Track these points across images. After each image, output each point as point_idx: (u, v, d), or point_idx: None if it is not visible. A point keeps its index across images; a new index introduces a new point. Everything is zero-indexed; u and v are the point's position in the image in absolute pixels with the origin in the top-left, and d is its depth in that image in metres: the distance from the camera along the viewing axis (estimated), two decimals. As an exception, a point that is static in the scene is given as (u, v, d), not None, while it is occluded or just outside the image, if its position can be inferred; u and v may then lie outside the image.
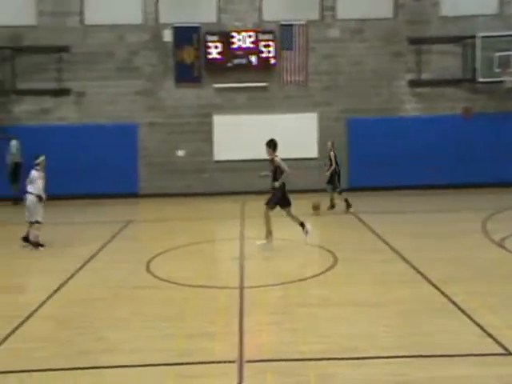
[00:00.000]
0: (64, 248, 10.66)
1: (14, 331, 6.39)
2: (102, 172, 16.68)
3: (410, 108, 17.42)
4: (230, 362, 5.41)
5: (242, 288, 7.90)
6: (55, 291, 7.91)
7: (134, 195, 16.87)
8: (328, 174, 13.76)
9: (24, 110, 16.91)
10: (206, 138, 17.23)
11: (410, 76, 17.25)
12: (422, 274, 8.33)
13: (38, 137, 16.48)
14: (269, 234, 10.13)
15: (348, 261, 9.27)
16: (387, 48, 17.19)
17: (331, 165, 13.78)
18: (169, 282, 8.29)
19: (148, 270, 9.00)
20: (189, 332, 6.27)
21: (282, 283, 8.09)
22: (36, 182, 10.45)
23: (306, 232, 10.35)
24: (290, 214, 10.45)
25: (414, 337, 5.95)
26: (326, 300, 7.32)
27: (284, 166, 10.04)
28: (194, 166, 17.22)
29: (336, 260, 9.29)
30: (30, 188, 10.48)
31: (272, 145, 10.23)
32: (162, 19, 16.97)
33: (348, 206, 13.72)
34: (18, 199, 15.48)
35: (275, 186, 10.09)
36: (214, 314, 6.89)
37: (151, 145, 17.19)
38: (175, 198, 16.64)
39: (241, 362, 5.43)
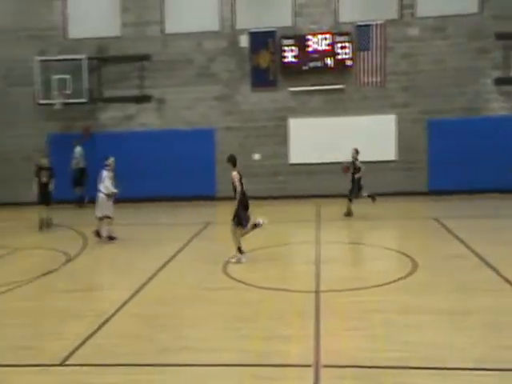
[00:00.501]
0: (146, 248, 11.07)
1: (100, 327, 6.72)
2: (181, 175, 17.20)
3: (497, 107, 16.57)
4: (306, 365, 5.38)
5: (317, 292, 7.85)
6: (138, 290, 8.23)
7: (212, 198, 17.22)
8: (357, 177, 13.42)
9: (110, 117, 17.76)
10: (281, 142, 17.29)
11: (496, 73, 16.42)
12: (509, 282, 7.89)
13: (122, 142, 17.31)
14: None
15: (429, 267, 8.94)
16: (471, 45, 16.45)
17: (354, 173, 13.42)
18: (244, 283, 8.38)
19: (225, 271, 9.15)
20: (265, 334, 6.31)
21: (359, 288, 7.94)
22: (105, 180, 11.22)
23: (238, 259, 9.77)
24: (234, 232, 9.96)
25: (499, 349, 5.64)
26: (406, 307, 7.10)
27: (237, 183, 9.93)
28: (269, 170, 17.33)
29: (416, 266, 8.99)
30: (100, 186, 11.35)
31: (232, 161, 10.18)
32: (239, 25, 17.24)
33: (348, 213, 13.48)
34: (81, 202, 16.49)
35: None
36: (290, 316, 6.88)
37: (228, 149, 17.41)
38: (251, 201, 16.75)
39: (317, 366, 5.38)
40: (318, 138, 16.84)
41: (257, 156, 17.42)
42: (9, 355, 5.98)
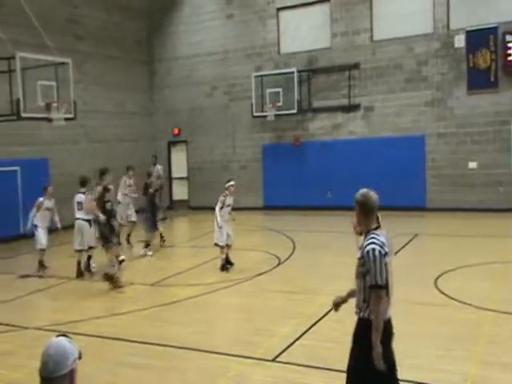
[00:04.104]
0: (352, 257, 10.98)
1: (308, 330, 6.87)
2: (388, 184, 16.74)
3: None
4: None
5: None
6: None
7: (421, 208, 16.42)
8: None
9: (318, 126, 18.21)
10: (503, 148, 15.68)
11: None
12: None
13: (330, 150, 17.61)
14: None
15: None
16: None
17: None
18: (458, 301, 7.74)
19: (436, 286, 8.58)
20: (480, 358, 5.72)
21: None
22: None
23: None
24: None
25: None
26: None
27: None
28: (488, 179, 15.85)
29: None
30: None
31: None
32: (453, 25, 16.20)
33: None
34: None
35: None
36: (510, 342, 6.12)
37: (440, 156, 16.51)
38: (465, 213, 15.58)
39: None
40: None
41: (472, 164, 16.10)
42: (231, 346, 6.48)
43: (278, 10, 18.54)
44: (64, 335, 2.56)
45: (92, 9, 17.76)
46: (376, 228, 3.98)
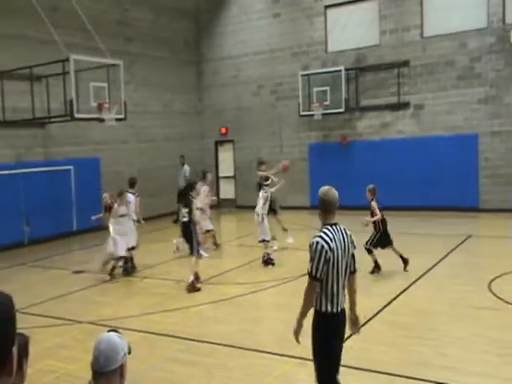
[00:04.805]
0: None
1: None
2: (440, 184, 16.34)
3: None
4: None
5: None
6: (394, 299, 8.05)
7: (474, 209, 15.92)
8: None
9: (366, 125, 17.93)
10: (561, 146, 15.01)
11: None
12: None
13: (378, 150, 17.31)
14: None
15: None
16: None
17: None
18: (514, 305, 7.45)
19: (490, 289, 8.28)
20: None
21: None
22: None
23: None
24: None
25: None
26: None
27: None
28: (545, 179, 15.20)
29: None
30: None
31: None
32: (509, 19, 15.60)
33: None
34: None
35: None
36: None
37: (494, 155, 15.95)
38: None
39: None
40: None
41: (529, 163, 15.47)
42: (277, 346, 6.43)
43: (326, 7, 18.37)
44: (114, 330, 2.59)
45: (141, 11, 18.10)
46: (332, 224, 4.20)
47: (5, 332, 1.43)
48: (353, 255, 4.27)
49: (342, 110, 17.38)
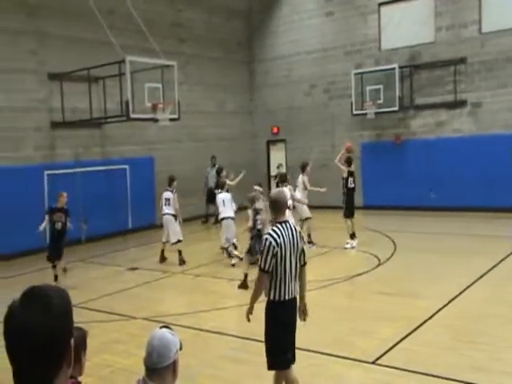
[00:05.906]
0: (459, 258, 10.46)
1: (411, 333, 6.66)
2: (498, 183, 15.73)
3: None
4: None
5: None
6: (450, 301, 7.86)
7: (535, 210, 15.26)
8: None
9: (421, 124, 17.50)
10: None
11: None
12: None
13: (433, 149, 16.86)
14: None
15: None
16: None
17: None
18: None
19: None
20: None
21: None
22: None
23: None
24: None
25: None
26: None
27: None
28: None
29: None
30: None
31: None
32: None
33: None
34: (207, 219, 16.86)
35: None
36: None
37: (557, 154, 15.22)
38: None
39: None
40: None
41: None
42: (329, 346, 6.43)
43: (380, 5, 18.06)
44: (166, 327, 2.64)
45: (195, 12, 18.35)
46: (282, 222, 4.62)
47: (64, 324, 1.50)
48: (302, 249, 4.69)
49: (395, 108, 17.04)
